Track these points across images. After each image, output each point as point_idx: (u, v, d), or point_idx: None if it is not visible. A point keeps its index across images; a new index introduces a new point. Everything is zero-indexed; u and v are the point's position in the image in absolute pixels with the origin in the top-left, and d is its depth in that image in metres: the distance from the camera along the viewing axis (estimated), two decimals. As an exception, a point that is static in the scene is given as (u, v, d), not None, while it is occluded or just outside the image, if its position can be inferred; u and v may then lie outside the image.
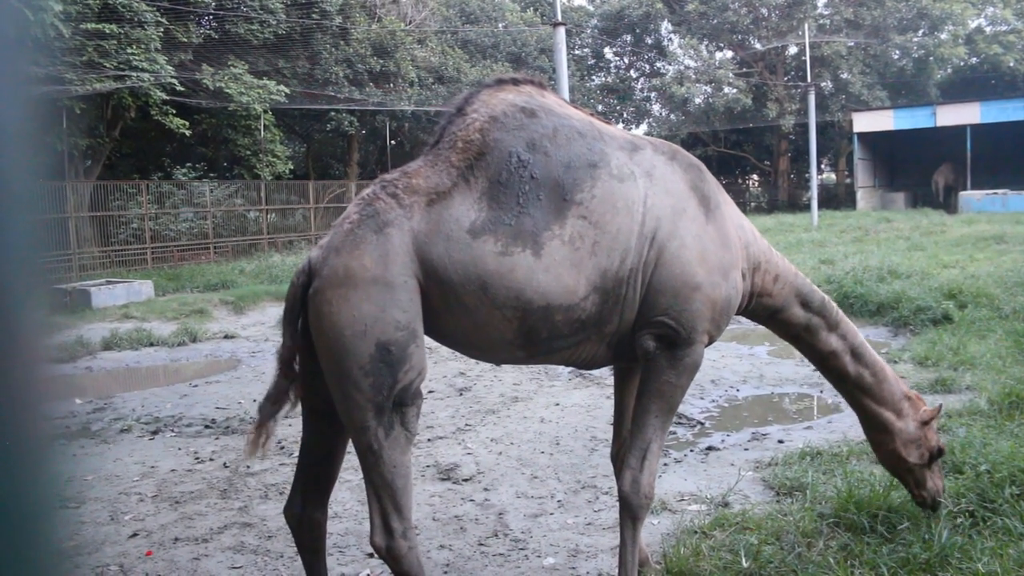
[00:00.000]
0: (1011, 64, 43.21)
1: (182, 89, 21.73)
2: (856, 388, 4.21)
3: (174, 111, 22.21)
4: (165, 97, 21.36)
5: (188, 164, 24.95)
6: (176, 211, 24.06)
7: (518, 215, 3.28)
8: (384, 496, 3.23)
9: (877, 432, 4.27)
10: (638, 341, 3.58)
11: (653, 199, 3.52)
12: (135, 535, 5.05)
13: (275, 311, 14.49)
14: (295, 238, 27.54)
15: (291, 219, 28.99)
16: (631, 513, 3.67)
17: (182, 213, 24.27)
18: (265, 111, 24.86)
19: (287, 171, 27.76)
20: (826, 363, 4.23)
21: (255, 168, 26.46)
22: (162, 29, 21.16)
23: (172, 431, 7.50)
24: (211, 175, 26.05)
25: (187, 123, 22.60)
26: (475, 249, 3.21)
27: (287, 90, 24.57)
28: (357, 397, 3.15)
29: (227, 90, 22.67)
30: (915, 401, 4.27)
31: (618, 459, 4.09)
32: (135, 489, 5.90)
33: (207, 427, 7.61)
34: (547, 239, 3.28)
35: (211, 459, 6.60)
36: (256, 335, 13.01)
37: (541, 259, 3.26)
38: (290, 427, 7.49)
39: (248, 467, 6.33)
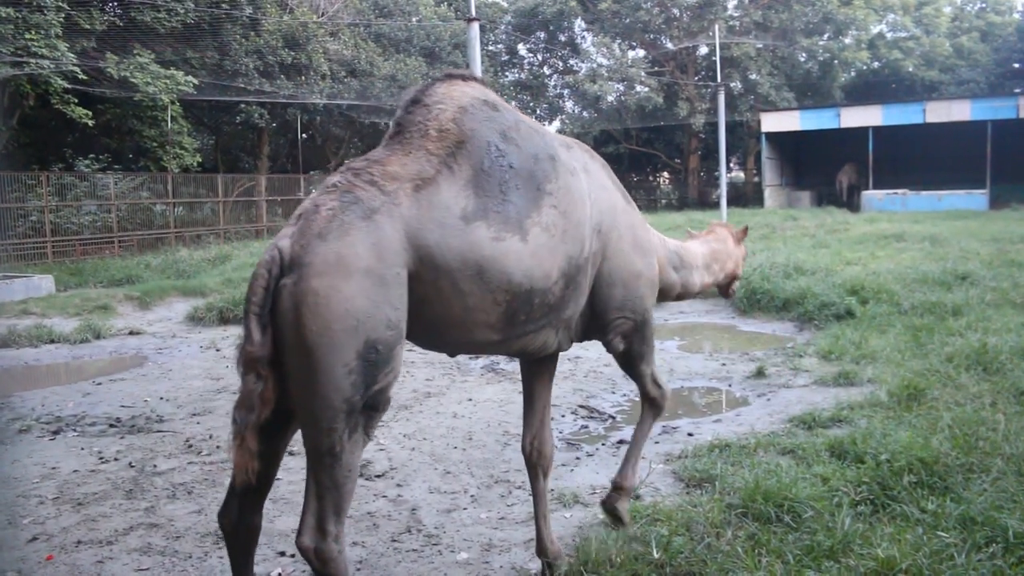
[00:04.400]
0: (910, 69, 44.94)
1: (84, 77, 21.00)
2: (722, 285, 5.20)
3: (76, 100, 21.43)
4: (66, 85, 20.62)
5: (91, 155, 24.09)
6: (78, 204, 23.24)
7: (503, 202, 3.36)
8: (328, 498, 3.09)
9: (732, 283, 5.26)
10: (610, 345, 4.12)
11: (594, 193, 3.79)
12: (35, 539, 4.87)
13: (182, 307, 14.17)
14: (203, 232, 26.94)
15: (199, 213, 28.36)
16: (657, 409, 4.48)
17: (84, 206, 23.42)
18: (172, 102, 24.21)
19: (195, 164, 27.09)
20: (702, 292, 4.98)
21: (162, 160, 25.76)
22: (63, 14, 20.39)
23: (74, 431, 7.27)
24: (115, 167, 25.23)
25: (90, 113, 21.83)
26: (470, 235, 3.24)
27: (195, 81, 23.96)
28: (333, 397, 2.96)
29: (132, 79, 21.98)
30: (739, 234, 5.24)
31: (532, 448, 4.15)
32: (35, 491, 5.69)
33: (112, 426, 7.39)
34: (530, 226, 3.41)
35: (116, 459, 6.41)
36: (163, 331, 12.70)
37: (527, 244, 3.38)
38: (198, 425, 7.35)
39: (155, 466, 6.18)
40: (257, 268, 3.02)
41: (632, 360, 4.28)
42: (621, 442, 6.49)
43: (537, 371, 4.20)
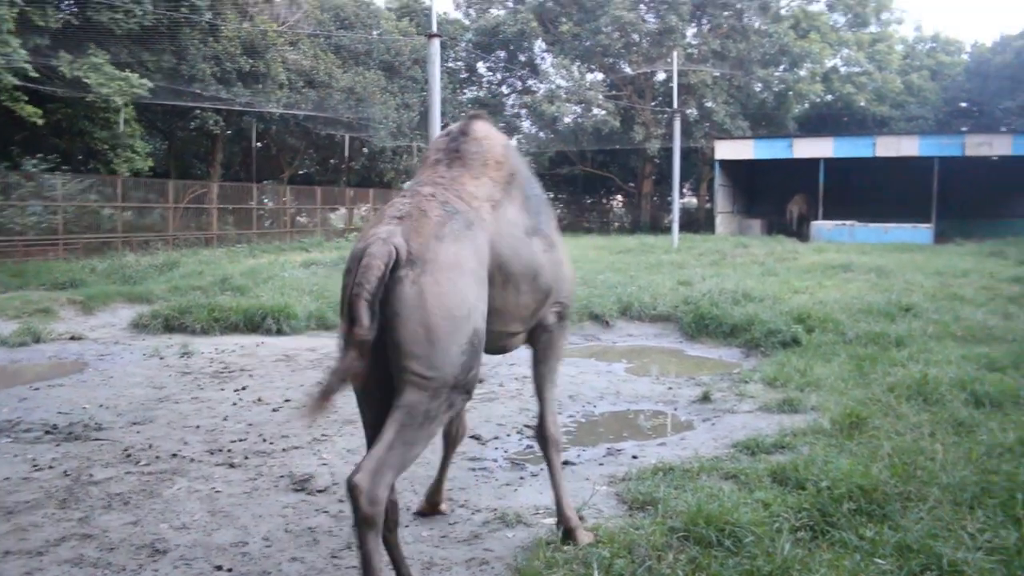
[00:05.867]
0: (862, 104, 45.88)
1: (36, 75, 20.59)
2: None
3: (26, 98, 21.03)
4: (16, 83, 20.20)
5: (39, 155, 23.63)
6: (23, 204, 22.78)
7: (540, 221, 4.32)
8: (396, 450, 3.40)
9: None
10: (545, 322, 4.55)
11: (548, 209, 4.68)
12: (-39, 547, 4.73)
13: (127, 313, 13.93)
14: (152, 238, 26.54)
15: (148, 218, 27.93)
16: (556, 446, 4.78)
17: (30, 206, 22.95)
18: (126, 104, 23.84)
19: (146, 168, 26.68)
20: None
21: (112, 163, 25.32)
22: (16, 10, 20.00)
23: (8, 437, 7.09)
24: (64, 168, 24.76)
25: (40, 111, 21.37)
26: (531, 247, 4.16)
27: (150, 84, 23.61)
28: (448, 370, 3.44)
29: (85, 80, 21.58)
30: None
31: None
32: (-37, 497, 5.54)
33: (48, 433, 7.21)
34: (554, 239, 4.42)
35: (51, 467, 6.25)
36: (106, 337, 12.46)
37: (555, 254, 4.39)
38: (137, 434, 7.20)
39: (90, 475, 6.03)
40: (370, 259, 3.38)
41: (549, 357, 4.69)
42: (566, 463, 6.44)
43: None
